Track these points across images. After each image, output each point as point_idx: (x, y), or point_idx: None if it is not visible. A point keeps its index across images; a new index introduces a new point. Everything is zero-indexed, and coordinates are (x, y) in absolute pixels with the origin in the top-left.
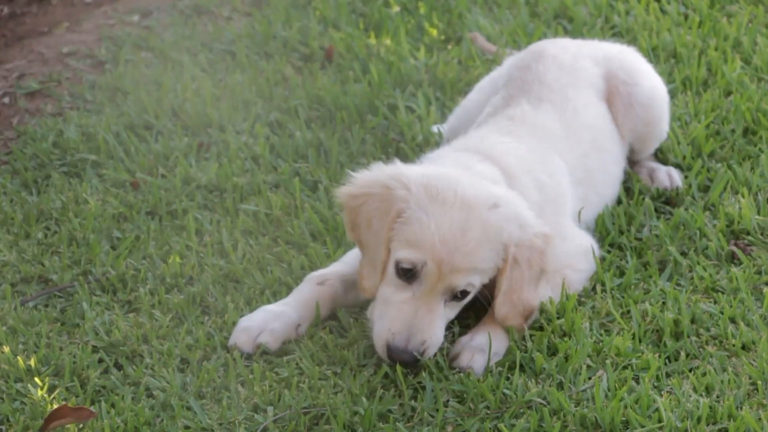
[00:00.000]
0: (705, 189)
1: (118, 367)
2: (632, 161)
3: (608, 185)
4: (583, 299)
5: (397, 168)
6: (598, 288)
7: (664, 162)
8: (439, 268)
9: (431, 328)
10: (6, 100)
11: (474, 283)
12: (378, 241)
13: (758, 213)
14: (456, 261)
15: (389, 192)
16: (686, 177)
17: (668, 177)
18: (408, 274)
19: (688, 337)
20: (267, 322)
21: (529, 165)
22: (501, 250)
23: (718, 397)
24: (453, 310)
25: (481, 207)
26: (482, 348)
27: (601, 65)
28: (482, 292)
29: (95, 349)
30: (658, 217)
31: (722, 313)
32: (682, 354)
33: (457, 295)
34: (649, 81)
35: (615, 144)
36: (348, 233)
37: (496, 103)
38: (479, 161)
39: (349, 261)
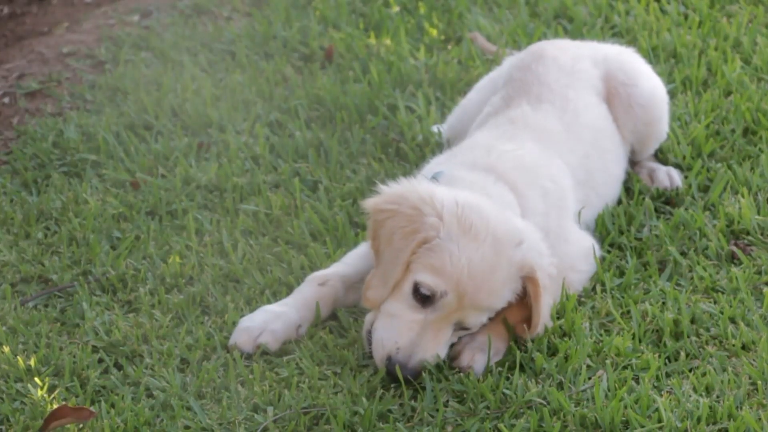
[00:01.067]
0: (705, 189)
1: (118, 367)
2: (632, 161)
3: (609, 186)
4: (583, 299)
5: (429, 189)
6: (598, 288)
7: (664, 162)
8: (460, 301)
9: (435, 350)
10: (6, 100)
11: (484, 321)
12: (396, 259)
13: (758, 213)
14: (479, 298)
15: (419, 215)
16: (686, 177)
17: (668, 177)
18: (424, 299)
19: (688, 337)
20: (267, 322)
21: (533, 175)
22: (518, 287)
23: (718, 397)
24: (455, 336)
25: (509, 245)
26: (482, 348)
27: (601, 66)
28: None
29: (95, 349)
30: (658, 217)
31: (722, 313)
32: (682, 354)
33: (465, 327)
34: (649, 82)
35: (616, 144)
36: (369, 242)
37: (496, 103)
38: (493, 182)
39: (349, 261)
